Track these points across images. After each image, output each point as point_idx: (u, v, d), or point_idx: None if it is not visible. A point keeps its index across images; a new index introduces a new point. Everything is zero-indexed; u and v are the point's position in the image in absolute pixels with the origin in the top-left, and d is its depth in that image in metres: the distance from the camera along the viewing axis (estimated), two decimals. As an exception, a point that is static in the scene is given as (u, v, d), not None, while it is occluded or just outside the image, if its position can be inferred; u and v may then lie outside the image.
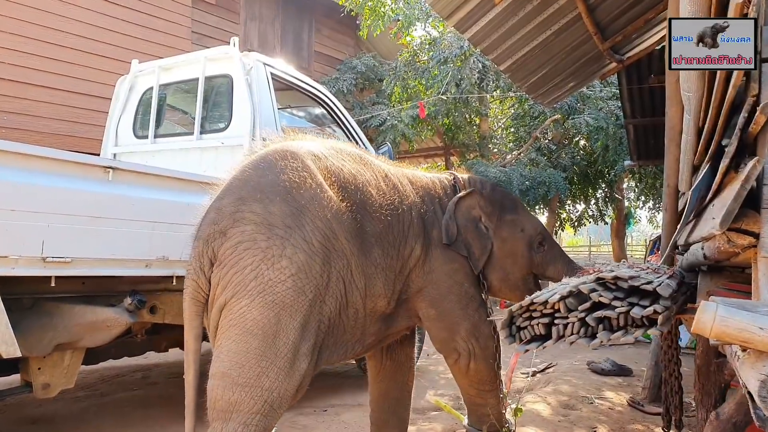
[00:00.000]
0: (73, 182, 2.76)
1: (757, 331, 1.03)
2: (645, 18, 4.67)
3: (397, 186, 2.63)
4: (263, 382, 2.00)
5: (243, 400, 1.98)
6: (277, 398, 2.04)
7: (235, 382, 1.99)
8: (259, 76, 4.07)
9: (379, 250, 2.40)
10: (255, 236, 2.04)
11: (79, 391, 4.29)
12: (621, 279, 1.40)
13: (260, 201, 2.09)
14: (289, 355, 2.04)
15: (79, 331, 2.95)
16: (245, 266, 2.02)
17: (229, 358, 2.01)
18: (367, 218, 2.37)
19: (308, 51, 10.58)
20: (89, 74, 7.19)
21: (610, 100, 10.21)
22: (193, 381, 2.11)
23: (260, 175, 2.19)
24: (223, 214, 2.10)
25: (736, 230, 1.18)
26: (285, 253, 2.04)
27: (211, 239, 2.08)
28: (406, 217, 2.58)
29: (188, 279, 2.13)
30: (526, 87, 5.46)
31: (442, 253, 2.70)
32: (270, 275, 2.01)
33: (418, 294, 2.65)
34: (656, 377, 4.23)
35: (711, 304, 1.08)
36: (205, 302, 2.12)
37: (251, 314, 2.00)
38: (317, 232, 2.13)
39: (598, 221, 14.50)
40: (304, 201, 2.14)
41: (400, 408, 3.05)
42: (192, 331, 2.12)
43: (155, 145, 4.52)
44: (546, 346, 1.46)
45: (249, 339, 2.00)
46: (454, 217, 2.77)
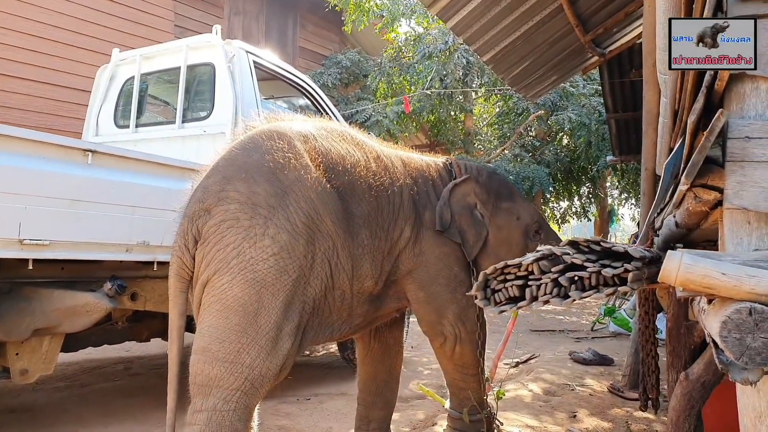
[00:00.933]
0: (52, 165, 2.73)
1: (720, 276, 1.06)
2: (626, 11, 4.72)
3: (389, 167, 2.62)
4: (243, 358, 2.00)
5: (223, 376, 1.99)
6: (258, 376, 2.03)
7: (215, 357, 1.99)
8: (241, 64, 4.06)
9: (367, 231, 2.39)
10: (238, 215, 2.05)
11: (58, 382, 4.25)
12: (593, 242, 1.43)
13: (245, 181, 2.11)
14: (271, 334, 2.04)
15: (58, 316, 2.92)
16: (228, 244, 2.04)
17: (209, 333, 2.02)
18: (356, 199, 2.37)
19: (293, 46, 10.56)
20: (70, 66, 7.11)
21: (592, 96, 10.33)
22: (176, 357, 2.12)
23: (246, 155, 2.20)
24: (208, 192, 2.11)
25: (702, 186, 1.20)
26: (267, 233, 2.05)
27: (195, 217, 2.10)
28: (397, 199, 2.57)
29: (173, 256, 2.15)
30: (509, 79, 5.50)
31: (433, 235, 2.68)
32: (252, 253, 2.03)
33: (408, 276, 2.64)
34: (636, 365, 4.28)
35: (677, 252, 1.11)
36: (189, 279, 2.14)
37: (232, 291, 2.01)
38: (301, 212, 2.14)
39: (582, 218, 14.66)
40: (288, 182, 2.15)
41: (387, 391, 3.05)
42: (176, 307, 2.14)
43: (137, 134, 4.49)
44: (520, 306, 1.48)
45: (229, 315, 2.01)
46: (448, 203, 2.74)
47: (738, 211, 1.20)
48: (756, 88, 1.23)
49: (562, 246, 1.46)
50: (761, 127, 1.18)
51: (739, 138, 1.18)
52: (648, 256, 1.46)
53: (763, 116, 1.20)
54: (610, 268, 1.36)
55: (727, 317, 1.03)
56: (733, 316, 1.04)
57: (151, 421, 3.42)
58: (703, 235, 1.84)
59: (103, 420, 3.45)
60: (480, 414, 2.92)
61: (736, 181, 1.18)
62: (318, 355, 5.84)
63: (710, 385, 1.46)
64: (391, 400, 3.09)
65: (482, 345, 2.84)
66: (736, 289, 1.07)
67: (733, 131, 1.19)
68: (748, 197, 1.17)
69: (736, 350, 1.03)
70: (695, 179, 1.19)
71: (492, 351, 3.37)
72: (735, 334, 1.03)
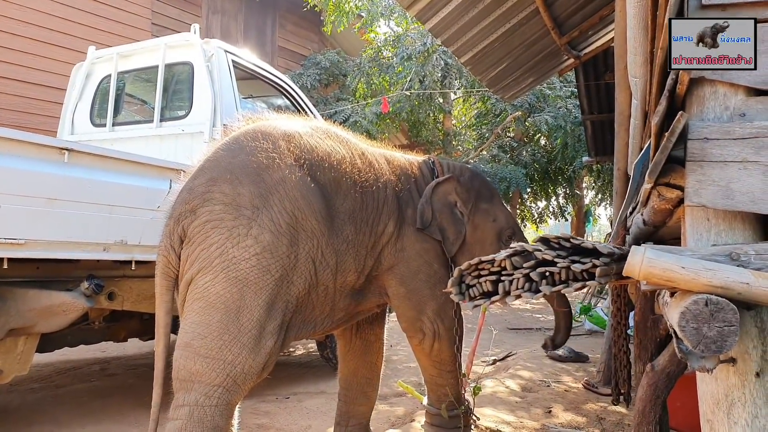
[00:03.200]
0: (28, 163, 2.71)
1: (679, 269, 1.11)
2: (600, 15, 4.82)
3: (373, 164, 2.65)
4: (225, 354, 2.03)
5: (204, 371, 2.02)
6: (241, 373, 2.06)
7: (197, 353, 2.03)
8: (220, 63, 4.06)
9: (351, 227, 2.43)
10: (222, 215, 2.09)
11: (33, 383, 4.19)
12: (563, 239, 1.48)
13: (230, 182, 2.14)
14: (253, 332, 2.08)
15: (34, 316, 2.89)
16: (211, 244, 2.08)
17: (191, 330, 2.06)
18: (340, 196, 2.41)
19: (272, 46, 10.53)
20: (44, 64, 6.99)
21: (568, 98, 10.49)
22: (162, 353, 2.16)
23: (232, 156, 2.24)
24: (194, 193, 2.15)
25: (666, 185, 1.26)
26: (251, 233, 2.09)
27: (182, 217, 2.14)
28: (381, 195, 2.61)
29: (160, 255, 2.19)
30: (487, 81, 5.57)
31: (414, 231, 2.73)
32: (234, 253, 2.06)
33: (389, 271, 2.68)
34: (610, 361, 4.37)
35: (640, 248, 1.16)
36: (175, 278, 2.18)
37: (214, 289, 2.05)
38: (285, 212, 2.17)
39: (559, 218, 14.87)
40: (273, 182, 2.18)
41: (368, 387, 3.09)
42: (162, 305, 2.18)
43: (113, 133, 4.45)
44: (493, 301, 1.53)
45: (212, 312, 2.05)
46: (430, 201, 2.79)
47: (698, 209, 1.26)
48: (714, 92, 1.29)
49: (533, 242, 1.51)
50: (719, 129, 1.24)
51: (699, 139, 1.24)
52: (616, 252, 1.51)
53: (720, 118, 1.27)
54: (579, 263, 1.41)
55: (686, 308, 1.09)
56: (691, 307, 1.09)
57: (129, 420, 3.41)
58: (670, 232, 1.91)
59: (80, 420, 3.42)
60: (457, 409, 2.97)
61: (696, 180, 1.24)
62: (297, 354, 5.85)
63: (674, 375, 1.53)
64: (371, 397, 3.12)
65: (459, 341, 2.90)
66: (694, 281, 1.12)
67: (693, 133, 1.25)
68: (707, 195, 1.23)
69: (693, 339, 1.08)
70: (658, 178, 1.25)
71: (467, 348, 3.42)
72: (692, 324, 1.09)
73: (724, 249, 1.20)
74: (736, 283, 1.11)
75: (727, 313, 1.08)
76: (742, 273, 1.11)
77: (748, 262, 1.17)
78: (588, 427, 3.56)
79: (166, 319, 2.19)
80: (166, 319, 2.18)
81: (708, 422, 1.23)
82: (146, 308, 3.53)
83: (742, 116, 1.25)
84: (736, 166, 1.22)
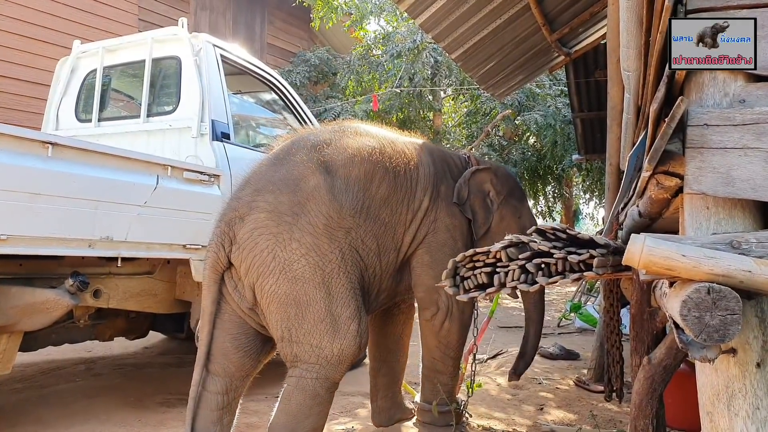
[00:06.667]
0: (10, 157, 2.64)
1: (680, 258, 1.09)
2: (591, 11, 4.82)
3: (404, 150, 2.85)
4: (311, 340, 2.38)
5: (300, 354, 2.39)
6: (330, 354, 2.38)
7: (291, 341, 2.40)
8: (208, 58, 4.00)
9: (387, 209, 2.67)
10: (267, 222, 2.39)
11: (17, 383, 4.10)
12: (559, 230, 1.45)
13: (272, 192, 2.46)
14: (327, 320, 2.38)
15: (16, 313, 2.83)
16: (262, 249, 2.37)
17: (279, 326, 2.40)
18: (375, 184, 2.63)
19: (261, 43, 10.45)
20: (28, 59, 6.88)
21: (558, 97, 10.51)
22: (206, 338, 2.46)
23: (274, 169, 2.57)
24: (242, 202, 2.48)
25: (664, 173, 1.24)
26: (294, 237, 2.38)
27: (232, 222, 2.45)
28: (414, 174, 2.82)
29: (210, 252, 2.49)
30: (478, 77, 5.55)
31: (447, 206, 2.91)
32: (285, 255, 2.37)
33: (422, 244, 2.85)
34: (601, 359, 4.38)
35: (640, 236, 1.14)
36: (221, 273, 2.48)
37: (280, 290, 2.36)
38: (321, 215, 2.44)
39: (547, 217, 14.92)
40: (309, 190, 2.47)
41: (391, 357, 3.28)
42: (210, 295, 2.47)
43: (99, 128, 4.37)
44: (489, 292, 1.50)
45: (287, 309, 2.37)
46: (467, 183, 3.00)
47: (697, 197, 1.24)
48: (714, 78, 1.27)
49: (529, 233, 1.49)
50: (719, 115, 1.22)
51: (698, 125, 1.22)
52: (612, 245, 1.49)
53: (720, 105, 1.25)
54: (575, 254, 1.39)
55: (688, 296, 1.06)
56: (693, 296, 1.07)
57: (115, 420, 3.35)
58: (664, 225, 1.90)
59: (65, 421, 3.35)
60: (449, 406, 2.95)
61: (695, 167, 1.22)
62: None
63: (671, 368, 1.51)
64: (394, 368, 3.31)
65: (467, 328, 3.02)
66: (696, 270, 1.10)
67: (693, 119, 1.23)
68: (707, 183, 1.21)
69: (695, 328, 1.06)
70: (657, 165, 1.22)
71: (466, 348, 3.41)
72: (694, 312, 1.06)
73: (724, 237, 1.17)
74: (738, 271, 1.09)
75: (730, 301, 1.06)
76: (744, 261, 1.09)
77: (749, 251, 1.15)
78: (580, 423, 3.54)
79: (212, 308, 2.46)
80: (211, 308, 2.46)
81: (708, 414, 1.21)
82: (132, 306, 3.48)
83: (742, 102, 1.23)
84: (737, 153, 1.20)
